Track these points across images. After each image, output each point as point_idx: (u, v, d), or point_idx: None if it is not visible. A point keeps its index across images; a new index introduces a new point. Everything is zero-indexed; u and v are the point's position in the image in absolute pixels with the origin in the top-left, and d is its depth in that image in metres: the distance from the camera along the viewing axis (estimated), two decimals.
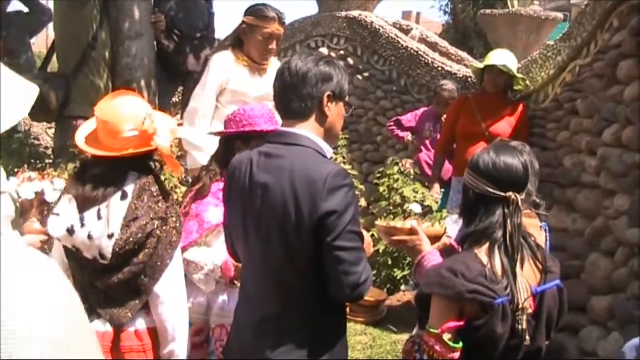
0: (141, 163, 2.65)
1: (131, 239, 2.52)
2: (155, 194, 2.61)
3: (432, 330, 2.19)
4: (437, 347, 2.16)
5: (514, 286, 2.20)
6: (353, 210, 2.18)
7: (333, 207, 2.12)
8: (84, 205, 2.57)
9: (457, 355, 2.16)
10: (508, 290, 2.19)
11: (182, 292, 2.70)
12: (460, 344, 2.16)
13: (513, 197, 2.26)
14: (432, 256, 2.57)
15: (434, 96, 6.61)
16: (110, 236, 2.51)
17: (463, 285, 2.14)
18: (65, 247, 2.62)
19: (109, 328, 2.59)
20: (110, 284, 2.56)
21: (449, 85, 6.40)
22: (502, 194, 2.26)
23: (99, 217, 2.54)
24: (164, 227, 2.59)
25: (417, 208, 5.22)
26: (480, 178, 2.29)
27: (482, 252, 2.25)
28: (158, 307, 2.61)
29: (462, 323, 2.17)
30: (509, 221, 2.25)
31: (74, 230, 2.54)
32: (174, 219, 2.65)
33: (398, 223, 2.76)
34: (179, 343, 2.66)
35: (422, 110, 6.71)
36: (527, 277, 2.26)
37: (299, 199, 2.15)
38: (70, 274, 2.63)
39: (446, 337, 2.16)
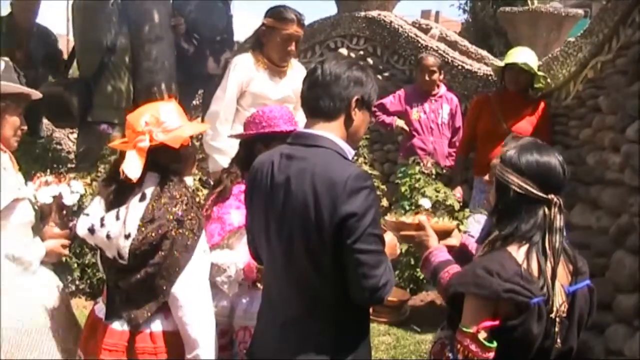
0: (162, 165, 2.66)
1: (146, 240, 2.54)
2: (174, 197, 2.62)
3: (466, 330, 2.17)
4: (472, 347, 2.14)
5: (550, 286, 2.18)
6: (373, 213, 2.17)
7: (353, 210, 2.11)
8: (108, 206, 2.65)
9: (491, 355, 2.15)
10: (544, 290, 2.17)
11: (204, 296, 2.67)
12: (495, 344, 2.15)
13: (555, 199, 2.24)
14: (439, 252, 2.57)
15: (415, 67, 6.47)
16: (127, 236, 2.55)
17: (499, 285, 2.13)
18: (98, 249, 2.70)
19: (125, 327, 2.62)
20: (130, 284, 2.60)
21: (429, 56, 6.31)
22: (545, 195, 2.23)
23: (117, 218, 2.59)
24: (180, 230, 2.59)
25: (427, 203, 5.19)
26: (522, 178, 2.25)
27: (516, 251, 2.23)
28: (178, 310, 2.59)
29: (497, 322, 2.16)
30: (550, 224, 2.22)
31: (94, 229, 2.61)
32: (192, 222, 2.63)
33: (408, 218, 2.75)
34: (204, 348, 2.61)
35: (402, 90, 6.49)
36: (559, 278, 2.24)
37: (319, 201, 2.15)
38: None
39: (481, 336, 2.14)
